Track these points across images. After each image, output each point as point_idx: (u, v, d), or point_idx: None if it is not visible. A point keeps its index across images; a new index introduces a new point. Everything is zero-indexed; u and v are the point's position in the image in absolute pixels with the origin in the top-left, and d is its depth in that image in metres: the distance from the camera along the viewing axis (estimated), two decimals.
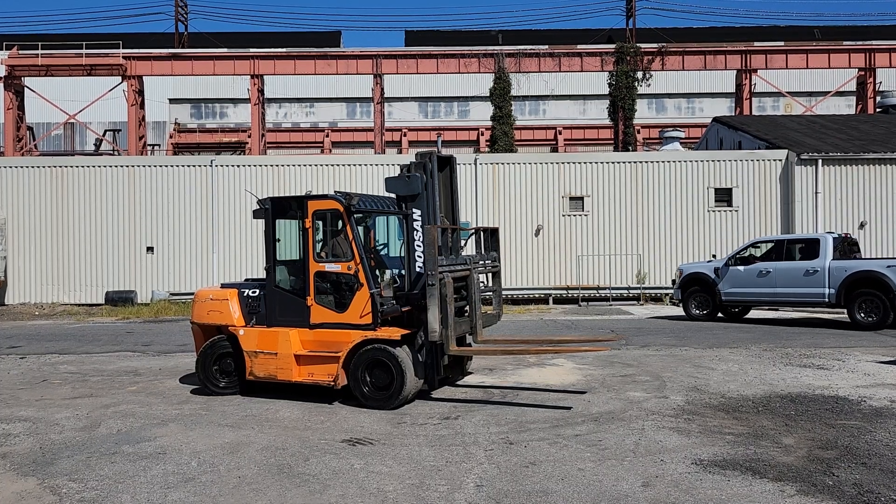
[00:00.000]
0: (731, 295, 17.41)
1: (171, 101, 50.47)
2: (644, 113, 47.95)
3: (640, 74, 36.07)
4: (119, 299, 23.30)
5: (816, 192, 23.20)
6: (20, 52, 36.53)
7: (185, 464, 6.47)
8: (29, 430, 7.78)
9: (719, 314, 18.18)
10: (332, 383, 8.65)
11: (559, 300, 23.61)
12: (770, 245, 17.61)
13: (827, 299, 16.07)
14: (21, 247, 24.04)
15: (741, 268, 17.25)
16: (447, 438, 7.17)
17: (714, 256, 22.83)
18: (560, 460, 6.39)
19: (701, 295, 17.99)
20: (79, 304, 23.68)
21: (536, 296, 23.66)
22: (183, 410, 8.57)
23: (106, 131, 44.34)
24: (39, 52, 35.85)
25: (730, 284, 17.37)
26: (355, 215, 8.89)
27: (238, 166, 24.70)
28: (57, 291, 24.02)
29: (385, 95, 37.90)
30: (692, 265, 18.86)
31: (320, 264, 8.87)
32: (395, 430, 7.55)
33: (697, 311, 18.02)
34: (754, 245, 17.96)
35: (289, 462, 6.48)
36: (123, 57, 35.85)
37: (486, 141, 41.51)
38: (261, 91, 36.78)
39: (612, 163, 24.45)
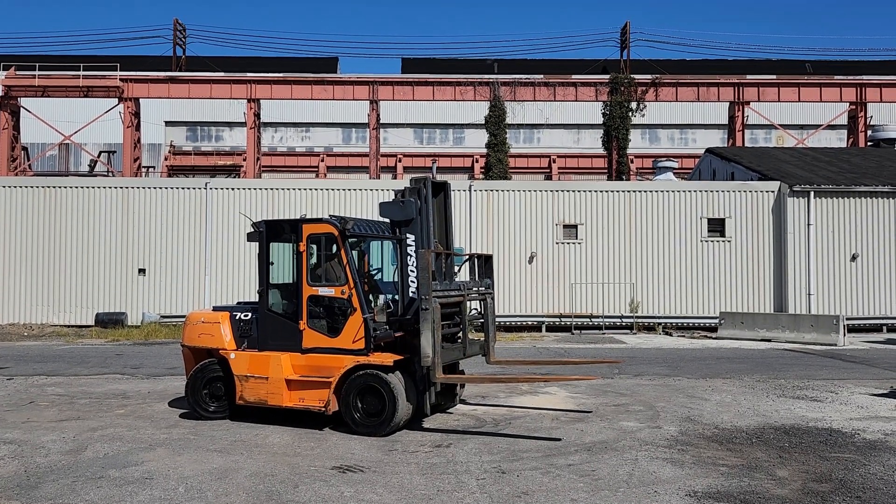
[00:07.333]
0: None
1: (167, 123, 50.59)
2: (637, 143, 48.33)
3: (633, 105, 36.40)
4: (109, 321, 23.12)
5: (809, 224, 23.32)
6: (17, 72, 36.62)
7: (173, 489, 6.36)
8: (14, 452, 7.66)
9: None
10: (324, 409, 8.57)
11: (552, 328, 23.56)
12: None
13: None
14: (12, 266, 23.89)
15: None
16: (439, 466, 7.09)
17: None
18: (553, 490, 6.32)
19: None
20: (68, 326, 23.48)
21: (529, 323, 23.60)
22: (171, 435, 8.46)
23: (101, 152, 44.32)
24: (36, 72, 35.95)
25: None
26: (350, 239, 8.87)
27: (232, 189, 24.69)
28: (47, 312, 23.82)
29: (381, 121, 38.04)
30: None
31: (314, 288, 8.83)
32: (386, 457, 7.46)
33: None
34: None
35: (278, 489, 6.38)
36: (120, 79, 35.98)
37: (481, 168, 41.71)
38: (257, 115, 36.92)
39: (606, 191, 24.55)
